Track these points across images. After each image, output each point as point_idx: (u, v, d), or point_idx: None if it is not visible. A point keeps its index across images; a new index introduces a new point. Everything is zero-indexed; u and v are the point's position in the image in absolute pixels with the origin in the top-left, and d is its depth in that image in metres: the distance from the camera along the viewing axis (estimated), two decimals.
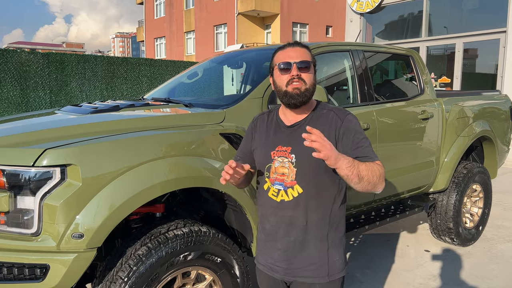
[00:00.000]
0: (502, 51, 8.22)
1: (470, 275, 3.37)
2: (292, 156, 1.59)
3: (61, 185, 1.73)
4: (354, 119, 1.62)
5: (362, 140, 1.57)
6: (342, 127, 1.58)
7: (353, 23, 11.05)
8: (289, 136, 1.63)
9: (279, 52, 1.66)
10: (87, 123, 2.07)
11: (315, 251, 1.60)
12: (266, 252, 1.69)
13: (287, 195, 1.59)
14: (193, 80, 3.64)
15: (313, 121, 1.61)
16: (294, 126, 1.64)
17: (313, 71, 1.61)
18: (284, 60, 1.59)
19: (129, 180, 1.83)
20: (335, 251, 1.63)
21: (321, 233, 1.61)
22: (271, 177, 1.63)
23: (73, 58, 11.57)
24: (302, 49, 1.62)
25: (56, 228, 1.71)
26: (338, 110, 1.64)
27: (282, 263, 1.63)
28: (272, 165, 1.63)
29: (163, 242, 1.95)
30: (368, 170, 1.47)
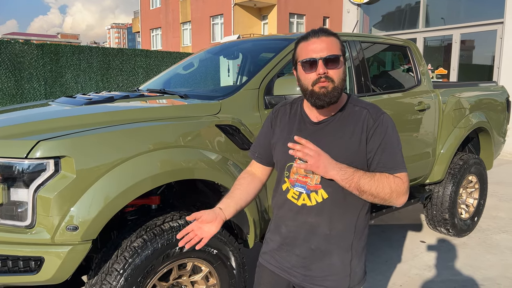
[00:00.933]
0: (499, 42, 8.20)
1: (465, 265, 3.40)
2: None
3: (55, 177, 1.71)
4: (389, 120, 1.44)
5: (392, 145, 1.40)
6: (373, 127, 1.40)
7: (350, 14, 10.98)
8: (316, 134, 1.45)
9: (301, 44, 1.44)
10: (81, 114, 2.05)
11: (337, 261, 1.46)
12: (281, 255, 1.55)
13: (310, 199, 1.44)
14: (188, 71, 3.60)
15: (344, 118, 1.44)
16: (321, 123, 1.46)
17: (342, 65, 1.39)
18: (308, 56, 1.38)
19: (124, 172, 1.81)
20: (357, 262, 1.49)
21: (345, 243, 1.46)
22: (292, 177, 1.47)
23: (68, 49, 11.47)
24: (328, 38, 1.39)
25: (51, 220, 1.70)
26: (373, 108, 1.45)
27: (300, 269, 1.50)
28: (294, 165, 1.44)
29: (159, 234, 1.94)
30: (374, 184, 1.33)
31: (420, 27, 9.54)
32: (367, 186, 1.32)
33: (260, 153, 1.63)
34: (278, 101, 2.41)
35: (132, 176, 1.82)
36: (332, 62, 1.37)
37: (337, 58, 1.37)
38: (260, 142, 1.64)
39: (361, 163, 1.41)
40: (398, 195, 1.35)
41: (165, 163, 1.92)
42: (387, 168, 1.38)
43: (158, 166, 1.89)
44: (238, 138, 2.24)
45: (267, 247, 1.62)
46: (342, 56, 1.41)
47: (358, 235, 1.48)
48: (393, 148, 1.40)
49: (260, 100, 2.43)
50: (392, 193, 1.34)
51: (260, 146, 1.64)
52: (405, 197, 1.37)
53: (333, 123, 1.44)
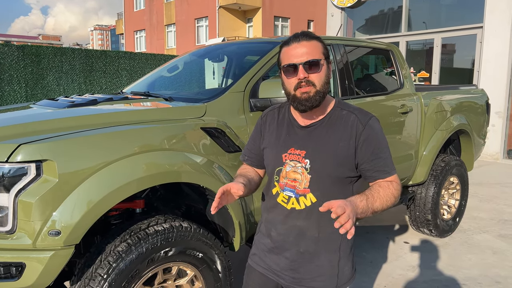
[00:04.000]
0: (478, 47, 8.39)
1: (447, 265, 3.45)
2: (306, 161, 1.42)
3: (37, 181, 1.68)
4: (377, 123, 1.45)
5: (382, 150, 1.42)
6: (363, 133, 1.40)
7: (334, 17, 11.09)
8: (304, 138, 1.46)
9: (283, 49, 1.44)
10: (63, 117, 2.01)
11: (326, 263, 1.48)
12: (271, 257, 1.56)
13: (299, 203, 1.45)
14: (173, 74, 3.59)
15: (332, 123, 1.44)
16: (309, 127, 1.46)
17: (324, 69, 1.40)
18: (289, 61, 1.38)
19: (107, 175, 1.79)
20: (345, 261, 1.51)
21: (333, 245, 1.48)
22: (281, 181, 1.48)
23: (49, 50, 11.27)
24: (309, 42, 1.39)
25: (32, 225, 1.67)
26: (360, 112, 1.45)
27: (289, 272, 1.52)
28: (283, 169, 1.47)
29: (143, 238, 1.92)
30: (383, 201, 1.36)
31: (402, 31, 9.69)
32: (379, 207, 1.36)
33: (250, 157, 1.66)
34: (264, 104, 2.41)
35: (116, 179, 1.80)
36: (313, 66, 1.37)
37: (317, 62, 1.37)
38: (250, 146, 1.67)
39: (349, 168, 1.43)
40: (398, 196, 1.42)
41: (150, 166, 1.90)
42: (382, 173, 1.42)
43: (143, 170, 1.87)
44: (223, 141, 2.24)
45: (256, 249, 1.64)
46: (325, 59, 1.41)
47: (345, 237, 1.47)
48: (384, 152, 1.43)
49: (245, 103, 2.43)
50: (396, 198, 1.40)
51: (249, 151, 1.67)
52: (400, 194, 1.45)
53: (321, 127, 1.45)
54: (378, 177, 1.42)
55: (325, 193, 1.41)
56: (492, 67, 7.99)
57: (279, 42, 2.80)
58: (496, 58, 7.94)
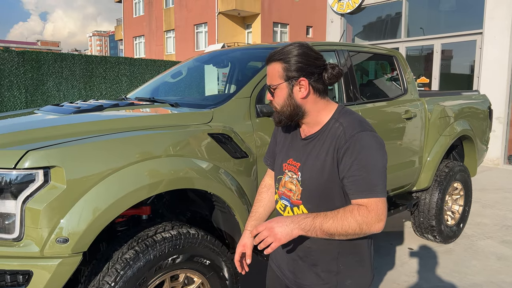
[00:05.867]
0: (478, 52, 8.43)
1: (452, 271, 3.44)
2: (299, 174, 1.44)
3: (44, 188, 1.66)
4: (365, 139, 1.32)
5: (363, 168, 1.29)
6: (344, 147, 1.33)
7: (333, 23, 11.14)
8: (301, 150, 1.47)
9: None
10: (70, 123, 2.00)
11: (321, 273, 1.46)
12: (279, 256, 1.61)
13: (293, 213, 1.48)
14: (177, 80, 3.58)
15: (324, 136, 1.40)
16: (307, 139, 1.47)
17: (281, 92, 1.40)
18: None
19: (116, 182, 1.78)
20: (346, 275, 1.45)
21: (328, 256, 1.44)
22: (280, 190, 1.54)
23: (49, 56, 11.27)
24: (270, 66, 1.41)
25: (40, 232, 1.65)
26: (350, 125, 1.36)
27: (290, 273, 1.56)
28: (282, 178, 1.52)
29: (151, 245, 1.90)
30: (338, 224, 1.26)
31: (402, 37, 9.73)
32: (332, 228, 1.26)
33: (272, 160, 1.70)
34: (270, 110, 2.41)
35: (124, 186, 1.78)
36: (270, 91, 1.43)
37: (274, 86, 1.41)
38: (269, 151, 1.73)
39: (336, 183, 1.37)
40: (368, 225, 1.26)
41: (159, 173, 1.89)
42: (356, 192, 1.30)
43: (152, 176, 1.86)
44: (230, 147, 2.23)
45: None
46: (287, 80, 1.38)
47: (347, 250, 1.43)
48: (365, 170, 1.29)
49: (251, 108, 2.42)
50: (361, 226, 1.26)
51: (269, 154, 1.72)
52: (378, 224, 1.27)
53: (315, 140, 1.43)
54: (352, 195, 1.31)
55: (315, 206, 1.40)
56: (492, 73, 8.02)
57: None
58: (495, 63, 7.97)
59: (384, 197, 1.31)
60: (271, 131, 2.45)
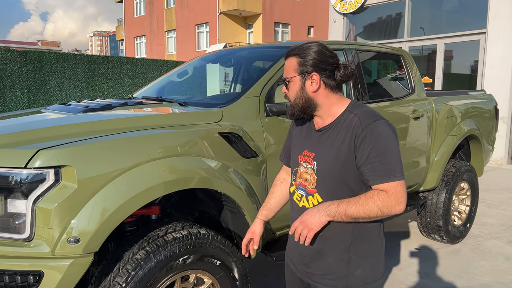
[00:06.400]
0: (482, 52, 8.41)
1: (460, 272, 3.41)
2: (314, 163, 1.52)
3: (55, 187, 1.65)
4: (381, 127, 1.41)
5: (381, 154, 1.38)
6: (361, 135, 1.40)
7: (336, 23, 11.11)
8: (315, 141, 1.55)
9: None
10: (80, 122, 1.98)
11: (333, 262, 1.52)
12: (292, 251, 1.69)
13: (308, 202, 1.55)
14: (183, 79, 3.56)
15: (339, 126, 1.48)
16: (321, 131, 1.54)
17: (294, 85, 1.50)
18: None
19: (127, 181, 1.76)
20: (358, 265, 1.51)
21: (340, 245, 1.50)
22: (297, 181, 1.61)
23: (51, 56, 11.25)
24: (288, 60, 1.54)
25: (51, 232, 1.63)
26: (365, 115, 1.45)
27: (302, 266, 1.62)
28: (298, 169, 1.60)
29: (162, 245, 1.88)
30: (361, 209, 1.37)
31: (405, 36, 9.71)
32: (356, 213, 1.38)
33: (286, 157, 1.78)
34: (280, 109, 2.39)
35: (136, 185, 1.76)
36: (285, 84, 1.55)
37: (284, 80, 1.54)
38: (285, 147, 1.81)
39: (352, 170, 1.44)
40: (389, 208, 1.37)
41: (169, 172, 1.87)
42: (375, 177, 1.39)
43: (163, 176, 1.84)
44: (240, 146, 2.21)
45: (288, 243, 1.78)
46: (300, 74, 1.48)
47: (359, 238, 1.50)
48: (383, 156, 1.38)
49: (261, 107, 2.40)
50: (382, 209, 1.37)
51: (285, 151, 1.81)
52: (399, 206, 1.38)
53: (330, 130, 1.51)
54: (371, 181, 1.40)
55: (330, 194, 1.48)
56: (496, 73, 8.00)
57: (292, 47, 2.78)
58: (499, 63, 7.94)
59: (402, 179, 1.39)
60: (281, 130, 2.44)
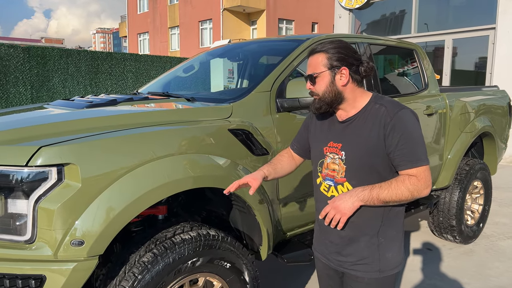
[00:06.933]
0: (491, 48, 8.26)
1: (475, 273, 3.31)
2: (342, 153, 1.57)
3: (58, 186, 1.56)
4: (408, 115, 1.50)
5: (410, 140, 1.46)
6: (390, 123, 1.48)
7: (342, 19, 10.97)
8: (341, 132, 1.60)
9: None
10: (84, 118, 1.89)
11: (365, 247, 1.57)
12: (321, 242, 1.71)
13: (337, 191, 1.59)
14: (189, 74, 3.46)
15: (365, 116, 1.55)
16: (346, 122, 1.60)
17: (324, 80, 1.55)
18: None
19: (133, 180, 1.67)
20: (387, 248, 1.58)
21: (371, 230, 1.57)
22: (323, 172, 1.64)
23: (55, 52, 11.18)
24: (312, 57, 1.58)
25: (53, 234, 1.54)
26: (391, 104, 1.53)
27: (334, 255, 1.65)
28: (324, 161, 1.64)
29: (170, 247, 1.79)
30: (393, 193, 1.45)
31: (412, 32, 9.57)
32: (388, 197, 1.46)
33: (298, 147, 1.85)
34: (291, 104, 2.29)
35: (143, 184, 1.67)
36: (311, 79, 1.57)
37: (312, 76, 1.55)
38: (298, 137, 1.86)
39: (382, 157, 1.51)
40: (418, 192, 1.46)
41: (179, 171, 1.78)
42: (406, 162, 1.46)
43: (171, 174, 1.75)
44: (250, 143, 2.11)
45: (314, 236, 1.80)
46: (330, 68, 1.53)
47: (387, 223, 1.57)
48: (412, 142, 1.46)
49: (272, 103, 2.30)
50: (412, 193, 1.46)
51: (297, 141, 1.86)
52: (426, 190, 1.48)
53: (356, 121, 1.57)
54: (402, 166, 1.47)
55: (360, 181, 1.53)
56: (505, 69, 7.85)
57: (303, 40, 2.68)
58: (509, 59, 7.80)
59: (428, 164, 1.49)
60: (292, 126, 2.35)
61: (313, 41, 2.65)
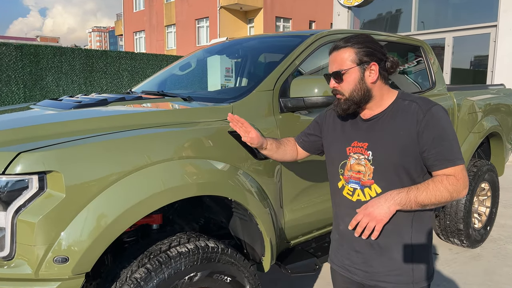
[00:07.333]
0: (492, 46, 8.14)
1: (485, 280, 3.17)
2: (368, 153, 1.46)
3: (40, 196, 1.40)
4: (440, 111, 1.41)
5: (445, 138, 1.38)
6: (423, 120, 1.38)
7: (340, 16, 10.83)
8: (366, 131, 1.49)
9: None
10: (70, 120, 1.72)
11: (397, 256, 1.46)
12: (342, 253, 1.58)
13: (364, 194, 1.47)
14: (185, 72, 3.30)
15: (393, 114, 1.45)
16: (371, 120, 1.49)
17: (351, 77, 1.44)
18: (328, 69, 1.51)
19: (124, 188, 1.51)
20: (420, 257, 1.47)
21: (403, 237, 1.46)
22: (346, 174, 1.52)
23: (48, 50, 10.98)
24: (337, 52, 1.47)
25: (34, 250, 1.39)
26: (422, 100, 1.44)
27: (361, 265, 1.51)
28: (347, 162, 1.52)
29: (165, 262, 1.63)
30: (432, 195, 1.35)
31: (412, 30, 9.44)
32: (426, 200, 1.35)
33: (304, 140, 1.78)
34: (295, 104, 2.14)
35: (136, 193, 1.52)
36: (337, 77, 1.45)
37: (338, 73, 1.44)
38: (307, 132, 1.78)
39: (413, 157, 1.41)
40: (457, 193, 1.38)
41: (175, 178, 1.62)
42: (442, 161, 1.37)
43: (167, 181, 1.59)
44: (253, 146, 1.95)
45: (331, 247, 1.68)
46: (359, 64, 1.42)
47: (418, 229, 1.47)
48: (447, 140, 1.38)
49: (274, 102, 2.15)
50: (452, 194, 1.37)
51: (305, 136, 1.78)
52: (465, 190, 1.39)
53: (383, 118, 1.47)
54: (438, 166, 1.38)
55: (389, 183, 1.43)
56: (507, 67, 7.73)
57: (307, 35, 2.52)
58: (510, 57, 7.68)
59: (464, 163, 1.41)
60: (296, 127, 2.19)
61: (317, 37, 2.49)
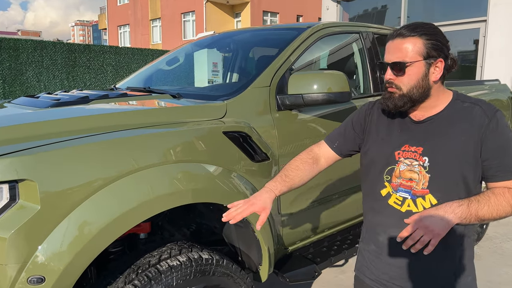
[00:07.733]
0: (482, 41, 8.12)
1: (484, 281, 3.09)
2: (424, 159, 1.31)
3: (11, 208, 1.24)
4: (503, 118, 1.31)
5: (507, 150, 1.26)
6: (489, 126, 1.26)
7: (329, 11, 10.70)
8: (420, 134, 1.34)
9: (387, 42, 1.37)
10: (47, 120, 1.54)
11: (445, 273, 1.35)
12: (378, 266, 1.44)
13: (416, 205, 1.33)
14: (173, 67, 3.12)
15: (451, 116, 1.32)
16: (425, 122, 1.34)
17: (414, 72, 1.28)
18: (385, 57, 1.34)
19: (108, 197, 1.35)
20: (467, 272, 1.36)
21: (454, 252, 1.34)
22: (394, 181, 1.37)
23: (29, 44, 10.61)
24: (403, 40, 1.28)
25: (6, 270, 1.22)
26: (485, 104, 1.32)
27: (400, 281, 1.38)
28: (396, 168, 1.36)
29: (154, 277, 1.48)
30: (493, 209, 1.23)
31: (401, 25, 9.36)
32: (487, 214, 1.24)
33: (341, 143, 1.54)
34: (294, 102, 1.99)
35: (121, 202, 1.35)
36: (398, 68, 1.29)
37: (402, 65, 1.28)
38: (342, 132, 1.54)
39: (474, 165, 1.29)
40: None
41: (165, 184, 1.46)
42: (505, 173, 1.27)
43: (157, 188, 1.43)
44: (249, 148, 1.81)
45: (362, 258, 1.53)
46: (426, 59, 1.28)
47: (467, 243, 1.38)
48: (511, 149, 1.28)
49: (271, 100, 2.00)
50: None
51: (341, 136, 1.54)
52: None
53: (439, 121, 1.34)
54: (499, 177, 1.27)
55: (446, 194, 1.29)
56: (496, 62, 7.72)
57: (304, 28, 2.38)
58: (500, 52, 7.67)
59: None
60: (294, 126, 2.05)
61: (315, 30, 2.35)
